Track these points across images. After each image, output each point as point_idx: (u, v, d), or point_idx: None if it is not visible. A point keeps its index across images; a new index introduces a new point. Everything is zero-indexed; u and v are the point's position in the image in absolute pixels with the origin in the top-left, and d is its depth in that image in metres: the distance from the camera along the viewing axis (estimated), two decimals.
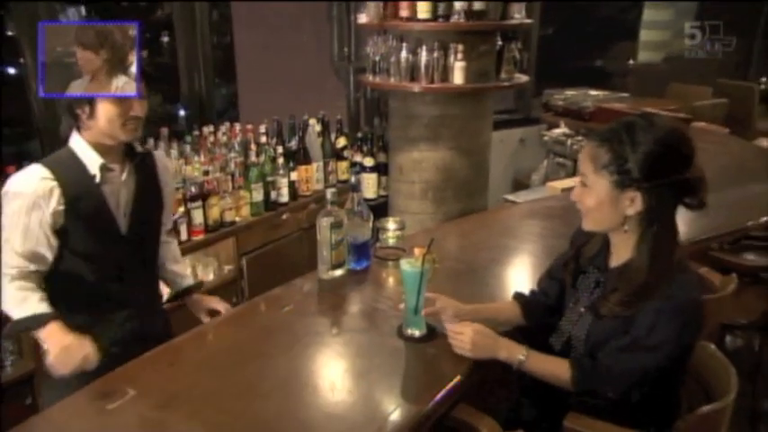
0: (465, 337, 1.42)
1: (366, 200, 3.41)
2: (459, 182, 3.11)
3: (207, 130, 2.99)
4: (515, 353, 1.41)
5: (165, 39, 3.58)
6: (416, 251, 1.53)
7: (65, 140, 1.60)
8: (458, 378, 1.41)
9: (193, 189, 2.58)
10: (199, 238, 2.64)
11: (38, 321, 1.50)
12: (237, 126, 3.08)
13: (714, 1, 5.65)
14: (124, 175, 1.63)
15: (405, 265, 1.51)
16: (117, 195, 1.62)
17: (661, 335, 1.28)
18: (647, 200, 1.30)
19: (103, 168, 1.57)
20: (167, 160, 1.84)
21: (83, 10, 3.53)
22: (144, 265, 1.74)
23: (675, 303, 1.28)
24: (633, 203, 1.31)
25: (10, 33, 2.79)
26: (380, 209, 3.32)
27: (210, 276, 2.78)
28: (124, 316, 1.66)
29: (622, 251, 1.39)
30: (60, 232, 1.54)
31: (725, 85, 5.62)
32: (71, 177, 1.54)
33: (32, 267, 1.54)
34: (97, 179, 1.57)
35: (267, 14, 3.79)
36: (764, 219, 2.48)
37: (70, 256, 1.57)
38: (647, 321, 1.29)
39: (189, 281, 1.90)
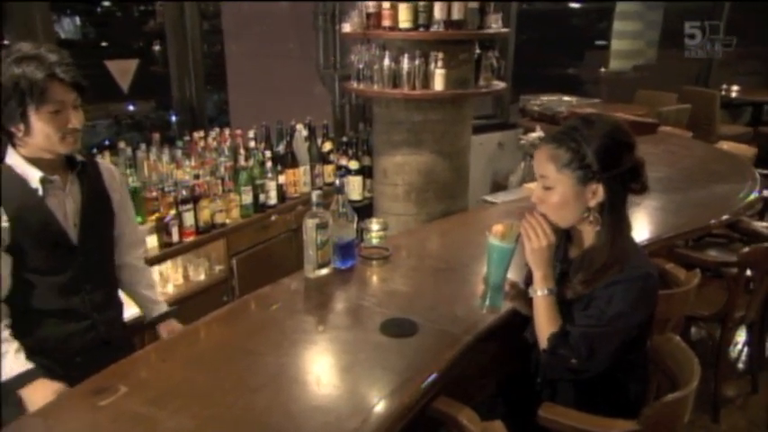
0: (543, 241, 1.39)
1: (351, 202, 3.40)
2: (441, 184, 3.12)
3: (197, 135, 2.96)
4: (544, 285, 1.41)
5: (157, 47, 3.55)
6: (499, 228, 1.45)
7: (1, 158, 1.51)
8: (438, 371, 1.42)
9: (184, 192, 2.55)
10: (190, 239, 2.61)
11: (22, 381, 1.44)
12: (227, 131, 3.06)
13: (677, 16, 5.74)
14: (68, 186, 1.55)
15: (494, 240, 1.44)
16: (63, 207, 1.54)
17: (618, 305, 1.33)
18: (608, 189, 1.35)
19: (44, 181, 1.49)
20: (113, 168, 1.74)
21: (77, 20, 3.50)
22: (101, 274, 1.67)
23: (630, 276, 1.34)
24: (595, 195, 1.36)
25: (6, 42, 2.75)
26: (366, 210, 3.32)
27: (202, 276, 2.76)
28: (86, 326, 1.60)
29: (582, 241, 1.43)
30: (11, 250, 1.46)
31: (689, 91, 5.71)
32: (11, 194, 1.46)
33: None
34: (39, 192, 1.49)
35: (255, 25, 3.78)
36: (725, 217, 2.52)
37: (27, 273, 1.49)
38: (606, 294, 1.34)
39: (162, 308, 1.84)
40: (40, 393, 1.43)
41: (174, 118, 3.53)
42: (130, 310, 1.89)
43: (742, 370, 2.91)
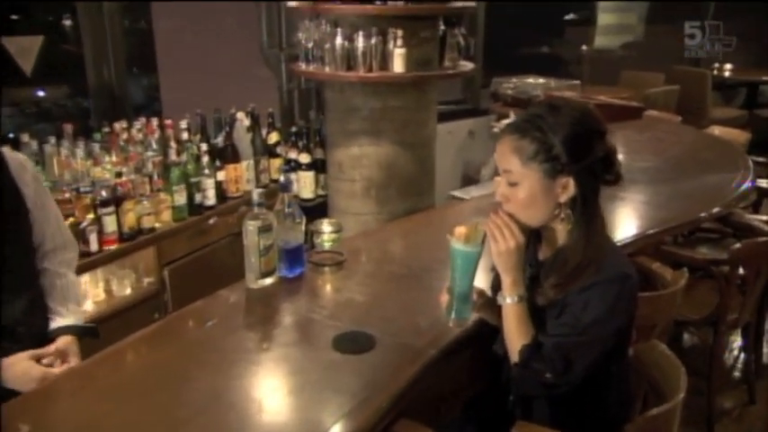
0: (511, 242, 1.39)
1: (303, 200, 3.40)
2: (404, 179, 3.14)
3: (119, 126, 2.91)
4: (513, 291, 1.42)
5: (68, 22, 3.45)
6: (462, 230, 1.44)
7: None
8: (398, 390, 1.42)
9: (104, 193, 2.49)
10: (112, 248, 2.55)
11: None
12: (155, 121, 3.01)
13: None
14: None
15: (457, 244, 1.43)
16: None
17: (594, 311, 1.35)
18: (579, 182, 1.37)
19: None
20: (22, 158, 1.70)
21: None
22: (19, 282, 1.63)
23: (606, 277, 1.36)
24: (566, 189, 1.38)
25: None
26: (319, 210, 3.31)
27: (127, 291, 2.70)
28: (9, 342, 1.56)
29: (554, 240, 1.45)
30: None
31: (677, 71, 5.89)
32: None
33: None
34: None
35: None
36: (716, 210, 2.61)
37: None
38: (581, 299, 1.36)
39: (65, 322, 1.74)
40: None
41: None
42: (64, 321, 1.79)
43: (738, 378, 3.01)
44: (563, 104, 1.42)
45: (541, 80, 4.83)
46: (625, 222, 2.41)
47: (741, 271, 2.48)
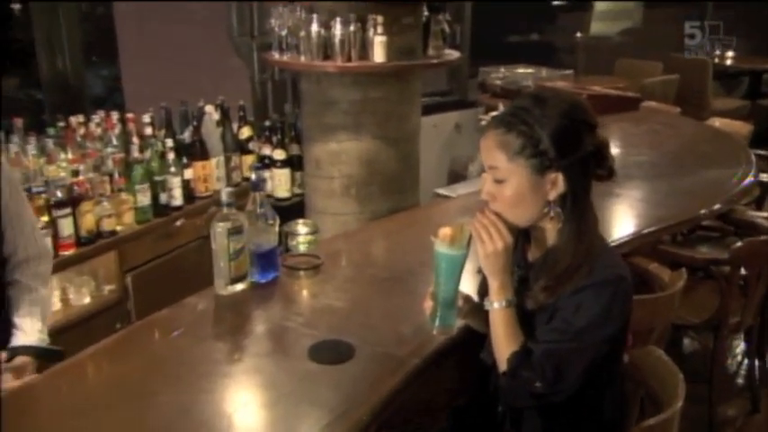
0: (498, 243, 1.40)
1: (278, 200, 3.41)
2: (387, 176, 3.15)
3: (75, 120, 2.89)
4: (501, 296, 1.42)
5: (17, 6, 3.42)
6: (447, 232, 1.44)
7: None
8: (378, 403, 1.43)
9: (59, 193, 2.48)
10: (69, 253, 2.54)
11: None
12: (114, 115, 2.99)
13: None
14: None
15: (442, 247, 1.43)
16: None
17: (587, 315, 1.36)
18: (568, 178, 1.38)
19: None
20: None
21: None
22: None
23: (600, 279, 1.37)
24: (555, 185, 1.39)
25: None
26: (296, 210, 3.31)
27: (86, 299, 2.69)
28: None
29: (544, 241, 1.46)
30: None
31: (676, 59, 5.96)
32: None
33: None
34: None
35: None
36: (717, 206, 2.65)
37: None
38: (572, 303, 1.37)
39: (27, 340, 1.74)
40: None
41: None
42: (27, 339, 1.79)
43: (741, 385, 3.05)
44: (550, 96, 1.44)
45: (532, 69, 4.87)
46: (620, 220, 2.44)
47: (743, 271, 2.52)
